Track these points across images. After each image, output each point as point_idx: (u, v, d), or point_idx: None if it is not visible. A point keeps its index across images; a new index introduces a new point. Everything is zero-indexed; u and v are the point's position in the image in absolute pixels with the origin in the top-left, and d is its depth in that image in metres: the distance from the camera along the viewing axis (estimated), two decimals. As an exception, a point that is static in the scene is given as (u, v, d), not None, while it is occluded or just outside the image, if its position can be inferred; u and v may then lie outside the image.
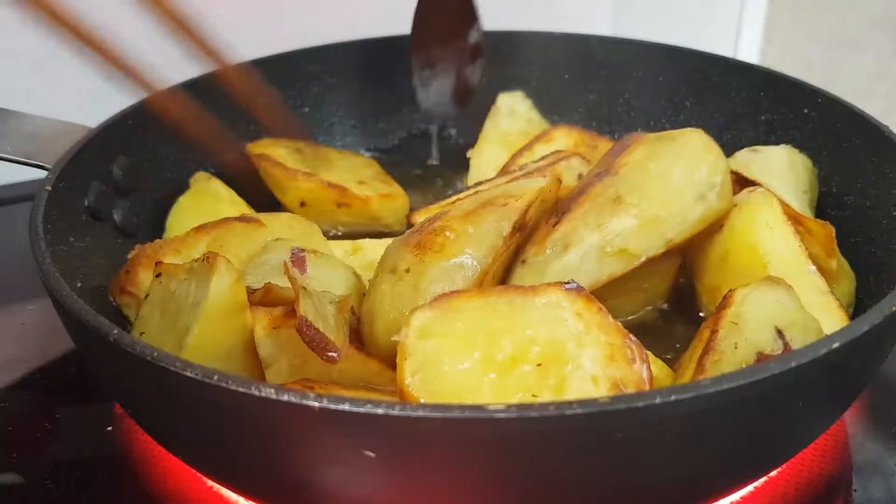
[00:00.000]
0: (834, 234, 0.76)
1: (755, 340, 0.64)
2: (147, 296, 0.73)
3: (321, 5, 1.27)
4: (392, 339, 0.60)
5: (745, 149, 0.85)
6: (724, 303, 0.67)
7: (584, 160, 0.87)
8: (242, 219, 0.83)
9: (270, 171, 0.96)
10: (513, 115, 1.11)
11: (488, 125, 1.09)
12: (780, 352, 0.64)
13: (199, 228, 0.81)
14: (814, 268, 0.75)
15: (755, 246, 0.76)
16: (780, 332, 0.65)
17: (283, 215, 0.87)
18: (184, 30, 0.48)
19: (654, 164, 0.75)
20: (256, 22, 1.22)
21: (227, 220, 0.82)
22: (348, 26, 1.15)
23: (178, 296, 0.68)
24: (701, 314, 0.82)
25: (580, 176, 0.84)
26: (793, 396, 0.55)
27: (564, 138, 1.00)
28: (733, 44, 1.50)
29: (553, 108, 1.12)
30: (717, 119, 1.03)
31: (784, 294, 0.67)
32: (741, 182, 0.82)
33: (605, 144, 1.00)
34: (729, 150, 0.99)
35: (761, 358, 0.63)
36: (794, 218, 0.78)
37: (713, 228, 0.78)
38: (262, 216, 0.84)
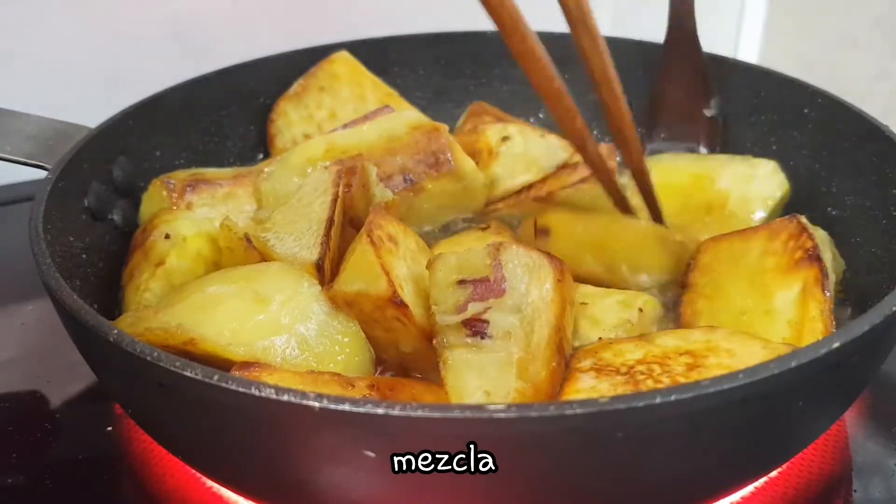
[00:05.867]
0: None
1: None
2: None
3: (321, 5, 1.27)
4: None
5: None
6: None
7: None
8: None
9: None
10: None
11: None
12: None
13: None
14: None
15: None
16: None
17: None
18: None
19: None
20: (257, 22, 1.22)
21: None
22: (350, 26, 1.15)
23: None
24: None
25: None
26: (793, 396, 0.55)
27: None
28: (733, 44, 1.50)
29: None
30: (716, 119, 1.03)
31: None
32: None
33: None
34: (729, 150, 1.00)
35: None
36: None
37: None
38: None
